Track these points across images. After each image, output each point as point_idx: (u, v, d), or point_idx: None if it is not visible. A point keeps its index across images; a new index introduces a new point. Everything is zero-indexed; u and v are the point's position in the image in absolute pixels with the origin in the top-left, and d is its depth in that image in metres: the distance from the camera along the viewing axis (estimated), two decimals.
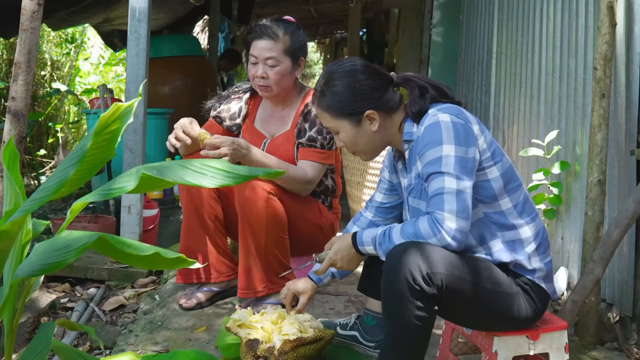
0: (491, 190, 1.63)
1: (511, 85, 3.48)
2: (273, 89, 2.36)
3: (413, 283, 1.48)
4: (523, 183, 1.73)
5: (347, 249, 1.73)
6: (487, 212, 1.64)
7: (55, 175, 1.04)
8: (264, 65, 2.33)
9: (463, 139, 1.58)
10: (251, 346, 1.85)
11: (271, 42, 2.32)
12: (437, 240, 1.53)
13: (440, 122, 1.59)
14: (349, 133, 1.73)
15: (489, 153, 1.63)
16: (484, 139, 1.64)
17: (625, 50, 2.26)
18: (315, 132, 2.35)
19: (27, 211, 0.97)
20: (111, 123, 1.04)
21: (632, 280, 2.27)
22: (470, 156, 1.58)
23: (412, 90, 1.71)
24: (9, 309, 1.08)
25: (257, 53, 2.32)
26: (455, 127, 1.58)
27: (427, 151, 1.59)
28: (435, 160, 1.57)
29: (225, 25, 8.43)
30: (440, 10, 5.05)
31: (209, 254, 2.39)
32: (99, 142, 1.03)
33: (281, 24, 2.35)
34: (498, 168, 1.64)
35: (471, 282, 1.54)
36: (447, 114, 1.61)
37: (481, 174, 1.63)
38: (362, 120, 1.71)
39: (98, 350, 2.25)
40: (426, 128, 1.62)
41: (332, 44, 13.23)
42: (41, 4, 2.26)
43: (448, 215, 1.53)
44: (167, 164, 1.09)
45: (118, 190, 1.01)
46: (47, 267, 0.98)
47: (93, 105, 4.50)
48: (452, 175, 1.55)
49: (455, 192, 1.54)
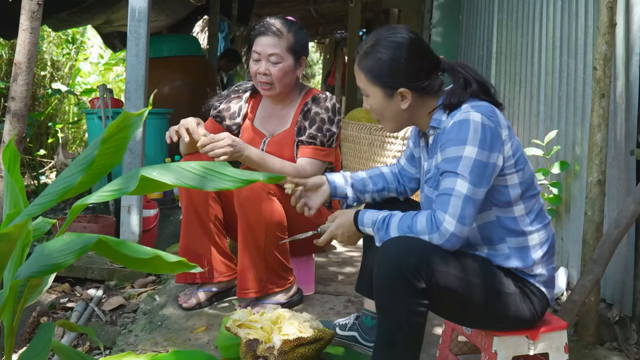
0: (508, 196, 1.62)
1: (511, 85, 3.48)
2: (276, 86, 2.35)
3: (402, 277, 1.49)
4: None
5: (348, 226, 1.75)
6: (500, 216, 1.63)
7: (60, 180, 1.04)
8: (266, 62, 2.32)
9: (489, 143, 1.55)
10: (251, 346, 1.85)
11: (275, 39, 2.32)
12: (430, 238, 1.54)
13: (471, 120, 1.56)
14: (379, 102, 1.71)
15: (512, 160, 1.60)
16: (511, 145, 1.60)
17: (625, 50, 2.26)
18: (315, 129, 2.35)
19: (31, 215, 0.97)
20: (119, 131, 1.04)
21: (631, 280, 2.27)
22: (491, 162, 1.55)
23: (457, 81, 1.68)
24: (9, 310, 1.08)
25: (261, 49, 2.32)
26: (484, 129, 1.55)
27: (449, 147, 1.57)
28: (454, 158, 1.55)
29: (225, 25, 8.43)
30: (440, 10, 5.05)
31: (209, 254, 2.39)
32: (106, 148, 1.03)
33: (285, 22, 2.36)
34: (519, 176, 1.62)
35: (463, 278, 1.54)
36: (479, 114, 1.57)
37: (501, 179, 1.60)
38: (395, 95, 1.68)
39: (98, 351, 2.25)
40: (455, 123, 1.58)
41: (332, 44, 13.22)
42: (41, 4, 2.26)
43: (449, 218, 1.52)
44: (169, 167, 1.08)
45: (120, 191, 1.01)
46: (48, 268, 0.99)
47: (93, 105, 4.50)
48: (465, 179, 1.53)
49: (464, 198, 1.52)
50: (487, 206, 1.62)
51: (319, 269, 2.95)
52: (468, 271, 1.56)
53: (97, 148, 1.00)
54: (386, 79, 1.67)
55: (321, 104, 2.38)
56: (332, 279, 2.86)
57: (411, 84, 1.66)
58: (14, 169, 1.15)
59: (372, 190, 1.96)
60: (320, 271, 2.94)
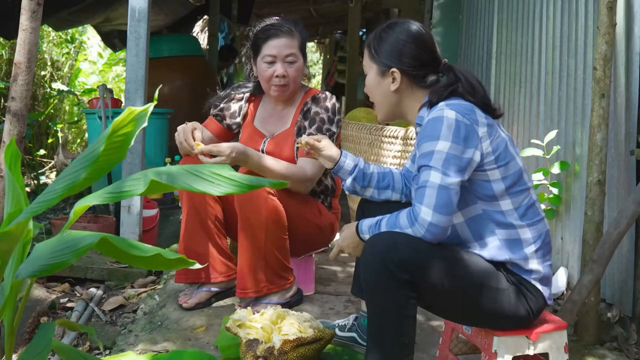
0: (491, 190, 1.63)
1: (511, 85, 3.48)
2: (290, 86, 2.37)
3: (388, 271, 1.50)
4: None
5: (352, 237, 1.77)
6: (487, 209, 1.64)
7: (64, 177, 1.04)
8: (283, 63, 2.32)
9: (462, 138, 1.57)
10: (251, 346, 1.85)
11: (289, 39, 2.32)
12: (413, 231, 1.56)
13: (444, 117, 1.59)
14: (372, 79, 1.80)
15: (493, 156, 1.61)
16: (490, 142, 1.61)
17: (625, 50, 2.27)
18: (315, 129, 2.35)
19: (33, 213, 0.97)
20: (124, 126, 1.04)
21: (631, 280, 2.27)
22: (466, 156, 1.57)
23: (448, 79, 1.73)
24: (9, 309, 1.08)
25: (277, 51, 2.31)
26: (458, 125, 1.58)
27: (424, 143, 1.60)
28: (428, 153, 1.58)
29: (225, 25, 8.42)
30: (440, 10, 5.05)
31: (209, 254, 2.39)
32: (110, 144, 1.03)
33: (291, 22, 2.37)
34: (500, 171, 1.62)
35: (450, 272, 1.54)
36: (453, 111, 1.60)
37: (482, 174, 1.62)
38: (386, 75, 1.75)
39: (98, 351, 2.25)
40: (429, 120, 1.62)
41: (332, 44, 13.21)
42: (41, 3, 2.26)
43: (425, 209, 1.54)
44: (175, 170, 1.09)
45: (127, 193, 1.01)
46: (49, 267, 0.98)
47: (93, 105, 4.50)
48: (438, 170, 1.55)
49: (437, 187, 1.55)
50: (471, 200, 1.63)
51: (319, 269, 2.96)
52: (455, 264, 1.57)
53: (101, 144, 1.01)
54: (383, 56, 1.76)
55: (321, 103, 2.38)
56: (332, 279, 2.86)
57: (403, 67, 1.73)
58: (15, 168, 1.15)
59: (374, 186, 1.95)
60: (320, 271, 2.94)
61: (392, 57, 1.74)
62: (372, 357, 1.57)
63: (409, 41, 1.73)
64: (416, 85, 1.75)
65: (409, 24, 1.77)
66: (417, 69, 1.73)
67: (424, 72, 1.74)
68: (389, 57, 1.75)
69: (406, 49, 1.73)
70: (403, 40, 1.73)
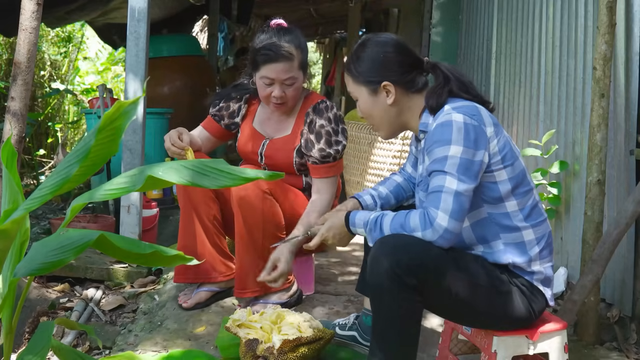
0: (497, 192, 1.63)
1: (510, 85, 3.48)
2: (289, 104, 2.37)
3: (393, 273, 1.49)
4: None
5: (339, 227, 1.76)
6: (492, 212, 1.64)
7: (57, 173, 1.04)
8: (281, 85, 2.30)
9: (473, 141, 1.57)
10: (250, 346, 1.85)
11: (288, 64, 2.27)
12: (424, 235, 1.54)
13: (453, 121, 1.58)
14: (366, 101, 1.76)
15: (499, 156, 1.62)
16: (497, 142, 1.62)
17: (625, 50, 2.27)
18: (325, 143, 2.34)
19: (28, 209, 0.97)
20: (114, 120, 1.04)
21: (631, 280, 2.27)
22: (477, 159, 1.57)
23: (437, 78, 1.72)
24: (8, 308, 1.08)
25: (275, 76, 2.27)
26: (467, 128, 1.57)
27: (435, 149, 1.59)
28: (441, 159, 1.57)
29: (225, 25, 8.42)
30: (439, 11, 5.04)
31: (208, 254, 2.39)
32: (102, 138, 1.03)
33: (289, 38, 2.29)
34: (507, 172, 1.63)
35: (456, 275, 1.54)
36: (461, 114, 1.59)
37: (489, 175, 1.62)
38: (379, 91, 1.73)
39: (97, 350, 2.25)
40: (437, 126, 1.61)
41: (332, 44, 13.20)
42: (40, 3, 2.26)
43: (442, 214, 1.53)
44: (169, 165, 1.09)
45: (124, 189, 1.01)
46: (47, 265, 0.98)
47: (92, 105, 4.50)
48: (454, 176, 1.54)
49: (454, 193, 1.54)
50: (478, 203, 1.63)
51: (319, 269, 2.95)
52: (462, 268, 1.57)
53: (92, 138, 1.00)
54: (368, 75, 1.73)
55: (323, 114, 2.37)
56: (331, 279, 2.85)
57: (393, 78, 1.71)
58: (12, 167, 1.14)
59: (394, 204, 1.99)
60: (320, 271, 2.93)
61: (378, 72, 1.72)
62: (376, 359, 1.57)
63: (387, 51, 1.72)
64: (410, 91, 1.74)
65: (378, 37, 1.76)
66: (405, 74, 1.72)
67: (412, 75, 1.73)
68: (375, 73, 1.72)
69: (388, 59, 1.72)
70: (382, 52, 1.72)
